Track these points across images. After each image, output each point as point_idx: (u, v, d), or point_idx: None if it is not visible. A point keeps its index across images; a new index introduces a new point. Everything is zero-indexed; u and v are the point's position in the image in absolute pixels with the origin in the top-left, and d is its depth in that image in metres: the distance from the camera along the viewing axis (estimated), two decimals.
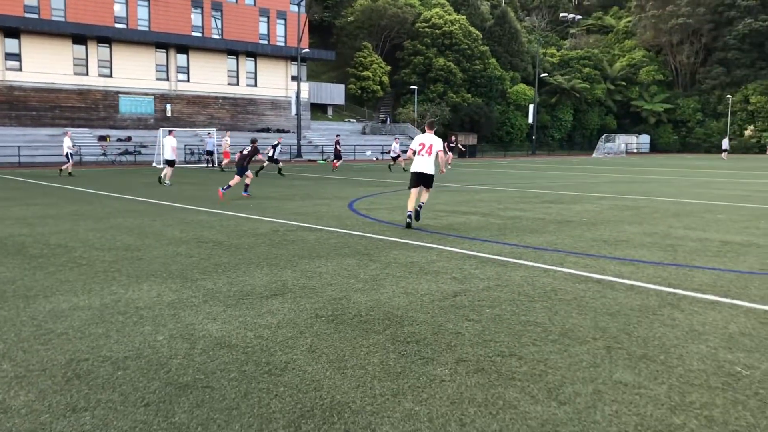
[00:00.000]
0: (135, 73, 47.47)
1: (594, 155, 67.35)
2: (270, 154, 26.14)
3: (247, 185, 17.27)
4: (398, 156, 30.51)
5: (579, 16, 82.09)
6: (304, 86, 54.29)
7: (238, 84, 52.79)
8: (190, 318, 5.41)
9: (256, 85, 53.80)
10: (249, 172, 17.13)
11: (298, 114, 47.84)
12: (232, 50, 51.66)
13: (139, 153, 42.16)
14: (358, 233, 10.30)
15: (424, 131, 11.47)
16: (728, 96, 74.23)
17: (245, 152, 17.12)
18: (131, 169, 33.89)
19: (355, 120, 64.60)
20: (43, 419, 3.47)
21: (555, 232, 10.49)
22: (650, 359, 4.47)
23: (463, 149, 36.29)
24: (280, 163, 27.34)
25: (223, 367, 4.27)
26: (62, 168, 26.41)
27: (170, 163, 22.06)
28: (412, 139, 58.93)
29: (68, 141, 26.49)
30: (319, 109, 63.16)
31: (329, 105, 64.33)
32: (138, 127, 47.39)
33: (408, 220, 10.87)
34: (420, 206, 11.14)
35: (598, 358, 4.48)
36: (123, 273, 7.18)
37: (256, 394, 3.83)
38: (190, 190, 19.51)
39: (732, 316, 5.57)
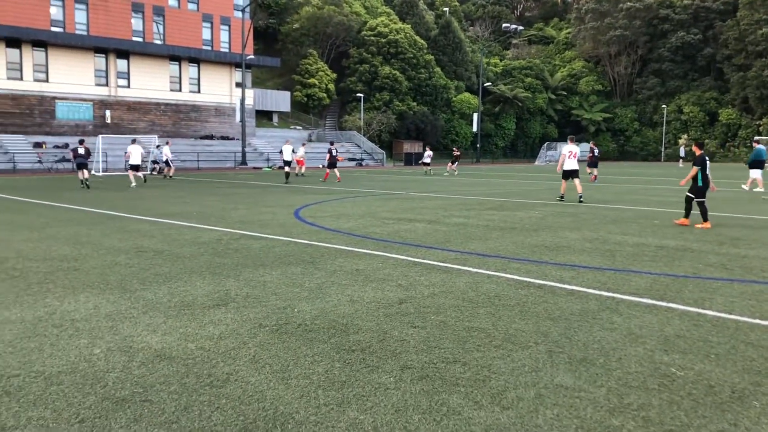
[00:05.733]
0: (73, 78, 46.03)
1: (536, 163, 68.78)
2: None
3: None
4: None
5: (521, 27, 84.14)
6: (249, 93, 53.70)
7: (180, 90, 51.82)
8: (129, 330, 5.25)
9: (199, 92, 52.92)
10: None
11: (242, 121, 47.28)
12: (175, 56, 50.69)
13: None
14: (303, 241, 10.23)
15: (567, 142, 18.38)
16: (663, 106, 77.06)
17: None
18: (69, 176, 32.80)
19: (300, 127, 64.26)
20: None
21: (498, 239, 10.64)
22: (590, 362, 4.57)
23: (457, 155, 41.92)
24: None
25: (162, 380, 4.15)
26: (166, 173, 31.77)
27: (136, 168, 25.41)
28: (358, 146, 58.97)
29: (167, 149, 31.94)
30: (264, 116, 62.57)
31: (275, 112, 63.81)
32: (76, 134, 45.89)
33: (560, 199, 18.20)
34: (581, 196, 18.01)
35: (540, 363, 4.55)
36: (58, 284, 6.93)
37: (197, 407, 3.74)
38: (131, 198, 19.01)
39: (668, 318, 5.76)
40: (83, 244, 9.78)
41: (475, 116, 66.68)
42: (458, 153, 42.34)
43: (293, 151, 30.43)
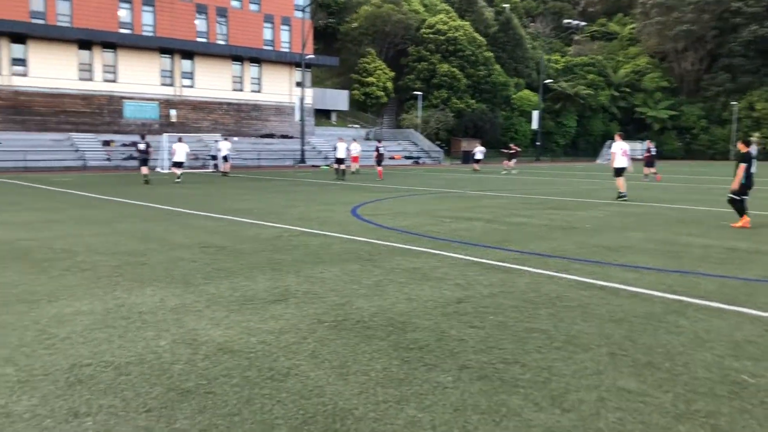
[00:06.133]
0: (140, 78, 47.60)
1: (598, 161, 67.25)
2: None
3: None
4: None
5: (583, 23, 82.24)
6: (308, 92, 54.37)
7: (242, 90, 52.91)
8: (193, 323, 5.40)
9: (260, 91, 53.91)
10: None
11: (302, 120, 47.90)
12: (237, 56, 51.79)
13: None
14: (361, 239, 10.29)
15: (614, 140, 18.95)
16: (733, 103, 74.10)
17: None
18: (136, 174, 33.91)
19: (358, 125, 64.68)
20: (46, 424, 3.46)
21: (559, 239, 10.46)
22: (655, 366, 4.44)
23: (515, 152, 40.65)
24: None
25: (225, 372, 4.25)
26: (222, 169, 32.39)
27: (179, 165, 27.01)
28: (415, 144, 58.89)
29: (227, 144, 32.82)
30: (323, 115, 63.25)
31: (333, 111, 64.42)
32: (143, 132, 47.42)
33: (622, 195, 17.81)
34: (623, 194, 17.85)
35: (602, 365, 4.45)
36: (126, 278, 7.18)
37: (258, 400, 3.81)
38: (195, 195, 19.54)
39: (738, 323, 5.54)
40: (150, 240, 10.10)
41: (535, 114, 65.65)
42: (516, 149, 40.99)
43: (347, 148, 30.84)
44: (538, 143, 67.20)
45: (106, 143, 44.00)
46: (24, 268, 7.70)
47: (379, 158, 30.68)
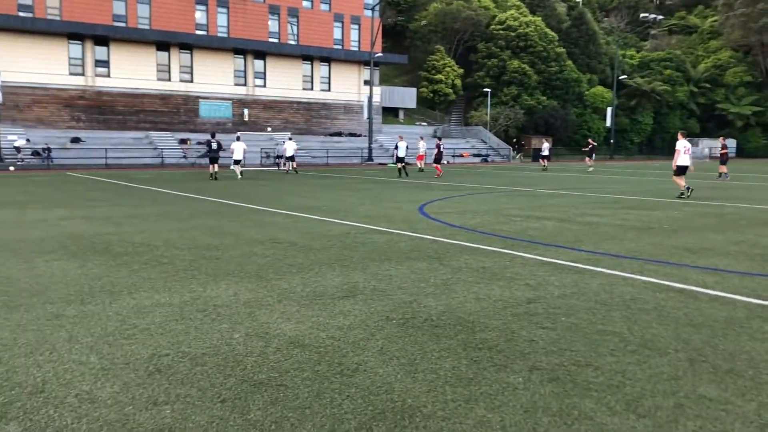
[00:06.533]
0: (214, 78, 49.05)
1: None
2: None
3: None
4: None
5: (661, 16, 79.44)
6: (377, 90, 54.69)
7: (312, 89, 53.73)
8: (265, 317, 5.52)
9: (329, 90, 54.62)
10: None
11: (369, 118, 48.24)
12: (307, 55, 52.63)
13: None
14: (428, 237, 10.28)
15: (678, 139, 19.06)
16: None
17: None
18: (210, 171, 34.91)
19: (426, 123, 64.58)
20: (127, 411, 3.61)
21: (634, 239, 10.15)
22: (737, 374, 4.25)
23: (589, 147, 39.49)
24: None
25: (296, 366, 4.33)
26: (290, 167, 34.10)
27: (238, 162, 28.68)
28: (483, 141, 58.32)
29: (293, 144, 34.32)
30: (390, 113, 63.49)
31: (401, 108, 64.55)
32: (216, 131, 48.87)
33: (683, 193, 17.69)
34: (684, 192, 17.76)
35: (680, 371, 4.29)
36: (202, 271, 7.41)
37: (328, 394, 3.86)
38: (265, 192, 19.97)
39: None
40: (224, 235, 10.39)
41: (609, 110, 63.87)
42: (593, 144, 39.72)
43: (407, 147, 31.21)
44: (611, 141, 65.37)
45: (183, 141, 45.56)
46: (106, 261, 8.06)
47: (439, 156, 30.74)
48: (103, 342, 4.83)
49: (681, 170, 18.38)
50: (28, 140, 39.52)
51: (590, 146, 38.97)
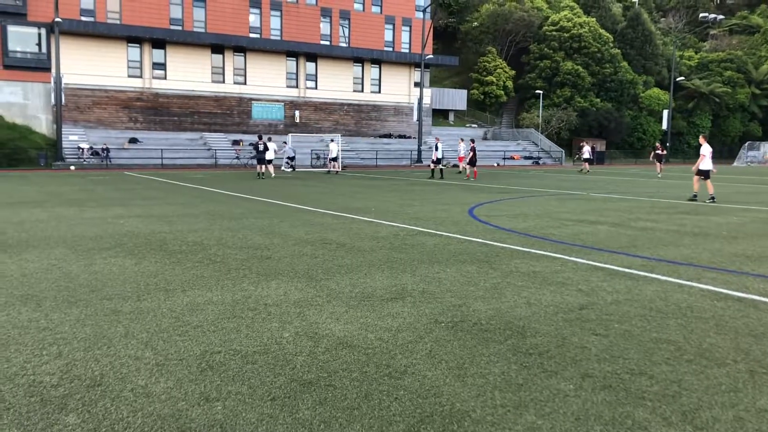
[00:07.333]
0: (267, 80, 49.79)
1: (735, 164, 62.80)
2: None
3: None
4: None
5: (721, 16, 76.83)
6: (427, 92, 54.61)
7: (362, 91, 53.99)
8: (315, 317, 5.57)
9: (379, 92, 54.78)
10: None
11: (419, 120, 48.19)
12: (358, 58, 52.92)
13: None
14: (478, 240, 10.19)
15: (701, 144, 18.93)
16: None
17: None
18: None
19: (476, 125, 64.13)
20: (180, 406, 3.69)
21: (691, 245, 9.85)
22: None
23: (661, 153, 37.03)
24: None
25: (345, 366, 4.35)
26: (334, 169, 34.96)
27: (270, 162, 29.90)
28: (535, 144, 57.59)
29: (335, 146, 34.84)
30: (440, 115, 63.29)
31: (451, 110, 64.28)
32: (269, 132, 49.62)
33: (696, 196, 18.26)
34: (713, 197, 17.84)
35: (740, 383, 4.14)
36: (253, 271, 7.53)
37: (376, 395, 3.87)
38: (314, 192, 20.16)
39: None
40: (274, 235, 10.53)
41: (665, 113, 62.27)
42: (663, 152, 36.89)
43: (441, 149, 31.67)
44: (668, 144, 63.68)
45: (236, 142, 46.39)
46: (161, 259, 8.26)
47: (473, 158, 30.52)
48: (158, 338, 4.95)
49: (705, 174, 18.58)
50: (91, 147, 40.97)
51: (660, 152, 36.35)
